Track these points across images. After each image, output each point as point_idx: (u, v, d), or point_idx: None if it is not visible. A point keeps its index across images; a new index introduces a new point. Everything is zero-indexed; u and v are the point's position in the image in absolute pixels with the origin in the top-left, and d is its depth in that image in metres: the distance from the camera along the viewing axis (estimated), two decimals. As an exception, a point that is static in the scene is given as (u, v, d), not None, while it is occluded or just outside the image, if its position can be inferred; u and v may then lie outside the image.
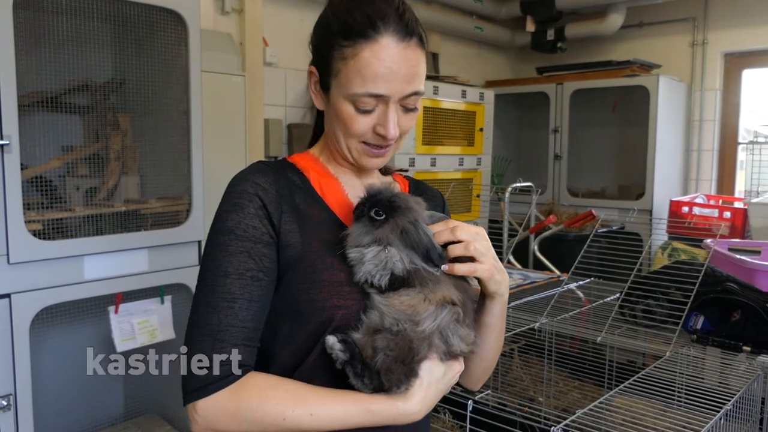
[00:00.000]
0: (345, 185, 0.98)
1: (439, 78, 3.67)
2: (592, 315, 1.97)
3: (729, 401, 1.38)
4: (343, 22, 0.88)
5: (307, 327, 0.86)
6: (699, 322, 1.80)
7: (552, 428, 1.28)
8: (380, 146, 0.93)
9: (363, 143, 0.93)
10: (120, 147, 1.90)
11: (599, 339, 1.77)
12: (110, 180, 1.88)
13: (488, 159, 3.87)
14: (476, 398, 1.58)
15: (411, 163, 3.33)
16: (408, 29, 0.88)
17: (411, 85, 0.89)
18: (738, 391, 1.44)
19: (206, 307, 0.84)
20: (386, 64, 0.86)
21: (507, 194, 3.22)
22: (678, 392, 1.56)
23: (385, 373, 0.81)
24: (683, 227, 3.41)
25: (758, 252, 2.43)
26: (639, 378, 1.52)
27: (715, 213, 3.54)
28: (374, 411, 0.82)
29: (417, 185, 1.10)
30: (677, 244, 3.25)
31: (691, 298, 1.76)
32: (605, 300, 2.09)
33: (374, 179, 1.03)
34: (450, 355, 0.87)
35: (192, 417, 0.82)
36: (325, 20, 0.92)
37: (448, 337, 0.85)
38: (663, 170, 3.97)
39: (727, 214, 3.48)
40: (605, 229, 3.50)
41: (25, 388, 1.59)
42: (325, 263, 0.87)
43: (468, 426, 1.55)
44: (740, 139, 4.29)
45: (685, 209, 3.59)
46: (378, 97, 0.88)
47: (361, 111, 0.89)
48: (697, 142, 4.32)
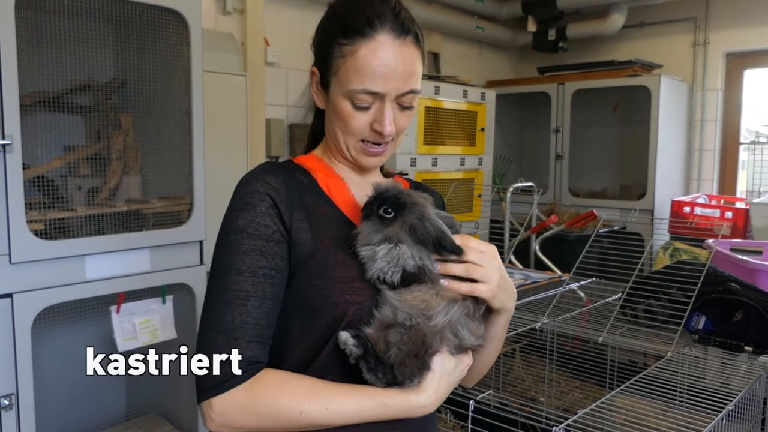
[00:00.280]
0: (350, 184, 1.00)
1: (441, 78, 3.66)
2: (594, 315, 1.97)
3: (731, 401, 1.38)
4: (342, 22, 0.91)
5: (320, 323, 0.87)
6: (701, 323, 1.80)
7: (553, 428, 1.28)
8: (377, 144, 0.95)
9: (361, 141, 0.95)
10: (122, 147, 1.90)
11: (601, 339, 1.77)
12: (112, 180, 1.88)
13: (489, 159, 3.87)
14: (478, 398, 1.58)
15: (412, 163, 3.33)
16: (404, 28, 0.90)
17: (407, 84, 0.91)
18: (740, 392, 1.44)
19: (219, 305, 0.85)
20: (383, 62, 0.88)
21: (508, 194, 3.22)
22: (680, 392, 1.56)
23: (399, 367, 0.83)
24: (685, 227, 3.40)
25: (760, 252, 2.43)
26: (640, 378, 1.52)
27: (717, 213, 3.54)
28: (388, 404, 0.83)
29: (417, 187, 1.11)
30: (679, 245, 3.25)
31: (693, 299, 1.76)
32: (607, 300, 2.09)
33: (378, 178, 1.04)
34: (460, 349, 0.88)
35: (207, 414, 0.83)
36: (326, 21, 0.95)
37: (459, 331, 0.87)
38: (664, 170, 3.96)
39: (729, 215, 3.47)
40: (607, 229, 3.49)
41: (27, 388, 1.59)
42: (337, 260, 0.88)
43: (469, 426, 1.55)
44: (742, 139, 4.29)
45: (687, 209, 3.59)
46: (374, 95, 0.90)
47: (359, 108, 0.91)
48: (699, 142, 4.32)
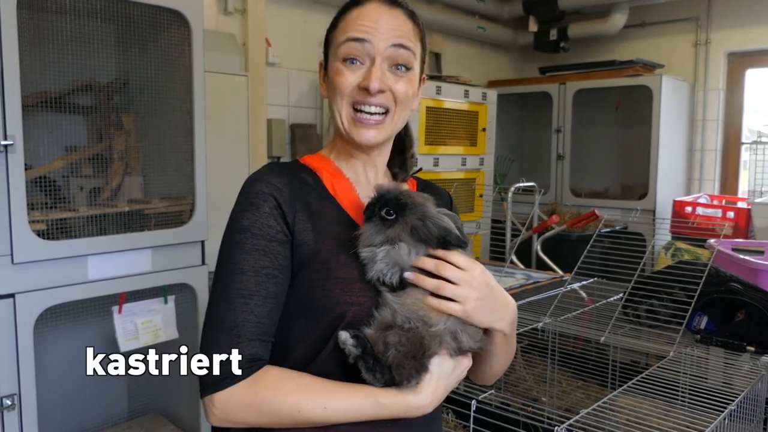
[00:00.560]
0: (356, 184, 0.99)
1: (442, 78, 3.66)
2: (596, 315, 1.96)
3: (733, 401, 1.37)
4: (341, 7, 0.96)
5: (321, 323, 0.88)
6: (702, 322, 1.80)
7: (555, 428, 1.28)
8: (370, 112, 0.92)
9: (353, 110, 0.93)
10: (123, 147, 1.90)
11: (603, 339, 1.77)
12: (114, 180, 1.88)
13: (491, 159, 3.87)
14: (480, 398, 1.58)
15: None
16: (394, 2, 0.94)
17: (395, 38, 0.92)
18: (742, 391, 1.44)
19: (223, 304, 0.86)
20: (369, 18, 0.92)
21: (510, 194, 3.22)
22: (682, 392, 1.56)
23: (396, 368, 0.83)
24: (686, 227, 3.40)
25: (762, 252, 2.43)
26: (642, 378, 1.52)
27: (719, 213, 3.54)
28: (385, 404, 0.84)
29: (425, 185, 1.11)
30: (680, 244, 3.25)
31: (695, 298, 1.76)
32: (608, 300, 2.08)
33: (385, 179, 1.03)
34: (459, 351, 0.88)
35: (209, 409, 0.85)
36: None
37: (458, 335, 0.87)
38: (666, 170, 3.96)
39: (731, 214, 3.47)
40: (608, 229, 3.49)
41: (29, 388, 1.59)
42: (339, 261, 0.89)
43: (471, 426, 1.55)
44: (743, 139, 4.28)
45: (689, 209, 3.59)
46: (361, 42, 0.91)
47: (348, 63, 0.92)
48: (701, 142, 4.32)
